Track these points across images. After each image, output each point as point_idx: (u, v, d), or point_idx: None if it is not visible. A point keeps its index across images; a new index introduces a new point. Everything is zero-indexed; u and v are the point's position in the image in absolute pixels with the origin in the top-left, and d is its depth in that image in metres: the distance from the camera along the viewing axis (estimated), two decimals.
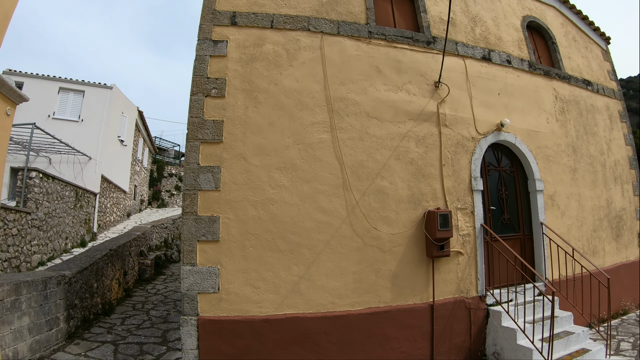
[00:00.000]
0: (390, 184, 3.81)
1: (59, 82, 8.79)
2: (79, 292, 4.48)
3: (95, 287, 5.02)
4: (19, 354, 3.26)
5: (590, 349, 3.80)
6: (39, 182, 5.98)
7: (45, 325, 3.66)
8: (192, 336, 3.25)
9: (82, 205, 8.20)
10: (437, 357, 3.69)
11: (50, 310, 3.78)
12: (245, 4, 4.03)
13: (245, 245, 3.44)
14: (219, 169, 3.54)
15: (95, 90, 9.31)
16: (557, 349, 3.60)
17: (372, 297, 3.58)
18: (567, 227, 4.97)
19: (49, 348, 3.70)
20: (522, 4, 5.73)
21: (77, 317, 4.38)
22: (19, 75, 8.32)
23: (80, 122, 9.08)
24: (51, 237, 6.37)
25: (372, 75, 4.07)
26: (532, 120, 4.98)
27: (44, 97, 8.42)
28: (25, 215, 5.32)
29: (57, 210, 6.75)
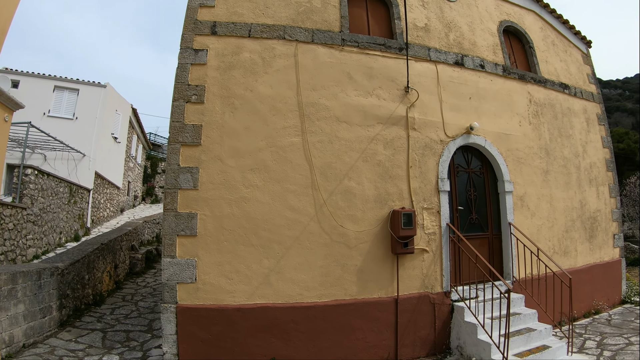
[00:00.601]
0: (358, 184, 4.19)
1: (54, 80, 9.24)
2: (71, 283, 4.93)
3: (86, 278, 5.47)
4: (14, 338, 3.70)
5: (551, 345, 4.02)
6: (34, 178, 6.43)
7: (39, 313, 4.10)
8: (171, 322, 3.67)
9: (76, 201, 8.67)
10: (401, 348, 4.08)
11: (44, 299, 4.22)
12: (225, 14, 4.40)
13: (221, 240, 3.84)
14: (197, 170, 3.94)
15: (90, 88, 9.75)
16: (517, 344, 3.88)
17: (338, 290, 3.97)
18: (537, 228, 5.32)
19: (43, 334, 4.15)
20: (500, 9, 6.04)
21: (69, 306, 4.83)
22: (15, 74, 8.78)
23: (74, 120, 9.52)
24: (46, 232, 6.83)
25: (343, 81, 4.43)
26: (504, 124, 5.31)
27: (39, 95, 8.87)
28: (21, 211, 5.77)
29: (51, 205, 7.21)
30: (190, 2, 4.40)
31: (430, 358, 4.15)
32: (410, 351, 4.11)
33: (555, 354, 3.95)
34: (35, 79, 8.99)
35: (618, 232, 6.51)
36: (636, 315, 5.60)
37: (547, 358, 3.85)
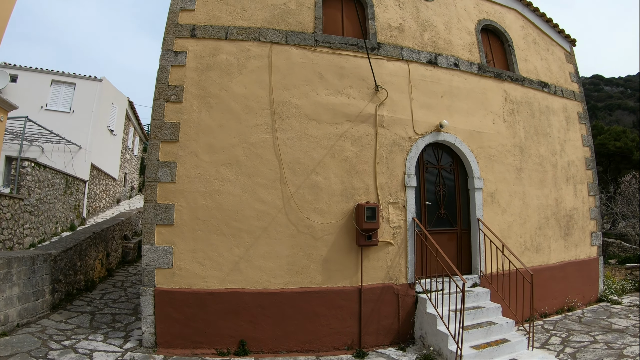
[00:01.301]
0: (324, 179, 4.59)
1: (51, 74, 9.79)
2: (63, 269, 5.47)
3: (78, 265, 6.02)
4: (9, 318, 4.22)
5: (511, 339, 4.26)
6: (31, 170, 6.98)
7: (33, 296, 4.63)
8: (149, 304, 4.14)
9: (72, 192, 9.25)
10: (365, 336, 4.47)
11: (37, 283, 4.75)
12: (204, 17, 4.80)
13: (195, 229, 4.29)
14: (174, 164, 4.38)
15: (86, 82, 10.28)
16: (476, 336, 4.18)
17: (304, 278, 4.40)
18: (508, 224, 5.64)
19: (35, 315, 4.68)
20: (480, 8, 6.29)
21: (61, 290, 5.37)
22: (13, 69, 9.35)
23: (71, 113, 10.08)
24: (42, 222, 7.41)
25: (314, 81, 4.80)
26: (476, 121, 5.62)
27: (37, 89, 9.44)
28: (18, 201, 6.33)
29: (48, 196, 7.79)
30: (172, 6, 4.81)
31: (393, 346, 4.51)
32: (374, 339, 4.50)
33: (515, 347, 4.20)
34: (33, 73, 9.55)
35: (596, 230, 6.79)
36: (609, 314, 5.85)
37: (505, 351, 4.11)
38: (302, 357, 4.14)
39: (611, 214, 13.36)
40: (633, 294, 7.19)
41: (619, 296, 6.87)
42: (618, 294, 6.92)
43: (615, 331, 5.04)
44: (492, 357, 4.00)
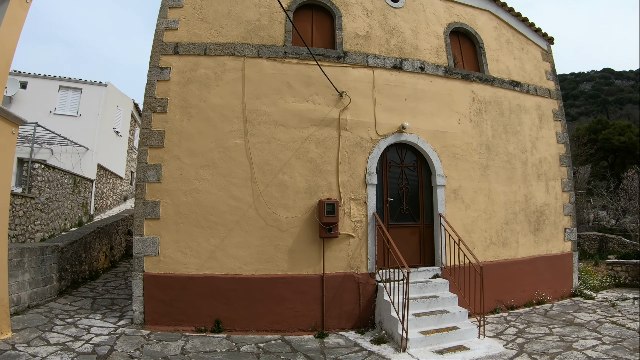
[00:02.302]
0: (290, 178, 5.41)
1: (59, 81, 11.05)
2: (69, 259, 6.54)
3: (83, 256, 7.11)
4: (21, 299, 5.25)
5: (461, 327, 4.81)
6: (41, 171, 8.15)
7: (42, 282, 5.68)
8: (139, 287, 5.09)
9: (80, 190, 10.48)
10: (327, 319, 5.25)
11: (46, 270, 5.81)
12: (186, 36, 5.69)
13: (178, 222, 5.21)
14: (160, 167, 5.31)
15: (92, 87, 11.50)
16: (427, 323, 4.82)
17: (271, 266, 5.24)
18: (472, 219, 6.28)
19: (44, 299, 5.73)
20: (450, 11, 6.91)
21: (67, 278, 6.45)
22: (23, 76, 10.66)
23: (78, 117, 11.33)
24: (52, 218, 8.60)
25: (283, 90, 5.61)
26: (441, 122, 6.27)
27: (45, 94, 10.71)
28: (29, 200, 7.48)
29: (57, 195, 8.98)
30: (158, 26, 5.73)
31: (354, 330, 5.25)
32: (336, 322, 5.28)
33: (464, 335, 4.76)
34: (42, 80, 10.83)
35: (570, 226, 7.29)
36: (577, 308, 6.34)
37: (453, 338, 4.67)
38: (269, 336, 4.98)
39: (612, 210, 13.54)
40: (611, 289, 7.65)
41: (596, 291, 7.35)
42: (595, 289, 7.40)
43: (575, 325, 5.47)
44: (439, 342, 4.61)
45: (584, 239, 12.31)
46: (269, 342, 4.71)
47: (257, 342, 4.70)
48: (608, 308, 6.38)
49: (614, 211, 13.76)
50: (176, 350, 4.26)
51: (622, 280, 7.97)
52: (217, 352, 4.31)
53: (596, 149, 17.80)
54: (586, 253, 11.29)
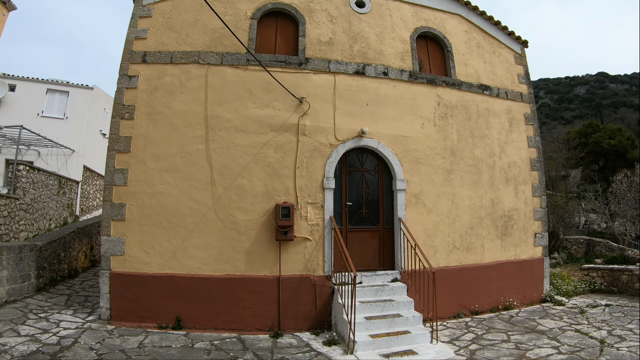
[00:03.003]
0: (249, 182, 5.95)
1: (46, 84, 11.87)
2: (48, 258, 7.23)
3: (62, 255, 7.80)
4: None
5: (413, 332, 5.13)
6: (25, 173, 8.90)
7: (20, 279, 6.36)
8: (106, 284, 5.71)
9: (65, 192, 11.25)
10: (284, 320, 5.76)
11: (24, 268, 6.49)
12: (154, 44, 6.29)
13: (142, 223, 5.80)
14: (127, 171, 5.91)
15: (79, 90, 12.29)
16: (378, 326, 5.18)
17: (230, 267, 5.79)
18: (434, 224, 6.71)
19: (22, 295, 6.40)
20: (419, 15, 7.35)
21: (45, 276, 7.14)
22: (11, 79, 11.50)
23: (65, 119, 12.13)
24: (36, 219, 9.35)
25: (244, 96, 6.16)
26: (403, 126, 6.72)
27: (33, 97, 11.53)
28: (14, 201, 8.22)
29: (42, 196, 9.74)
30: (128, 35, 6.34)
31: (310, 331, 5.73)
32: (293, 323, 5.78)
33: (415, 339, 5.09)
34: (30, 82, 11.66)
35: (541, 231, 7.64)
36: (544, 315, 6.63)
37: (403, 342, 5.01)
38: (226, 334, 5.53)
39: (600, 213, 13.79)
40: (585, 295, 7.95)
41: (569, 297, 7.68)
42: (568, 295, 7.73)
43: (536, 332, 5.73)
44: (388, 345, 4.93)
45: (572, 242, 12.61)
46: (224, 340, 5.25)
47: (212, 339, 5.25)
48: (576, 315, 6.69)
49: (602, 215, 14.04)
50: (134, 345, 4.84)
51: (598, 286, 8.25)
52: (172, 347, 4.88)
53: (586, 153, 18.23)
54: (573, 257, 11.60)
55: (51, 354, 4.19)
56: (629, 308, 6.94)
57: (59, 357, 4.13)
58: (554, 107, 61.43)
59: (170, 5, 6.43)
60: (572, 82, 68.20)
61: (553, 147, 20.48)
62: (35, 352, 4.20)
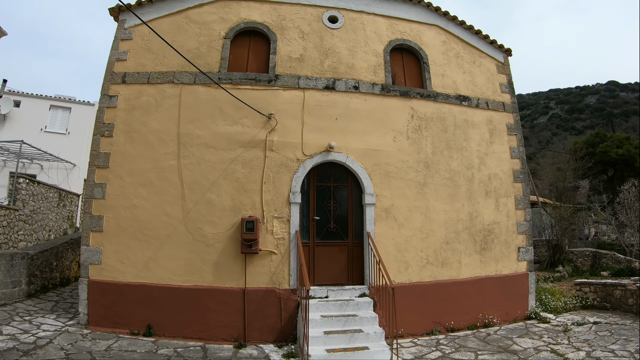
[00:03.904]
0: (217, 196, 6.64)
1: (50, 100, 13.25)
2: (39, 266, 8.22)
3: (54, 264, 8.79)
4: None
5: (372, 348, 5.41)
6: (25, 186, 10.07)
7: (10, 284, 7.32)
8: (84, 291, 6.53)
9: (65, 204, 12.45)
10: (250, 332, 6.34)
11: (15, 275, 7.46)
12: (133, 65, 7.18)
13: (118, 235, 6.61)
14: (105, 185, 6.76)
15: (80, 107, 13.61)
16: (337, 341, 5.54)
17: (198, 278, 6.46)
18: (406, 238, 7.11)
19: (12, 300, 7.35)
20: (394, 28, 7.88)
21: (37, 283, 8.11)
22: (16, 95, 12.94)
23: (67, 135, 13.45)
24: (36, 229, 10.49)
25: (215, 114, 6.89)
26: (374, 140, 7.22)
27: (37, 113, 12.91)
28: (13, 212, 9.35)
29: (41, 208, 10.90)
30: (110, 57, 7.27)
31: (275, 343, 6.27)
32: (259, 335, 6.35)
33: (374, 355, 5.37)
34: (34, 99, 13.07)
35: (525, 245, 7.84)
36: (524, 333, 6.80)
37: (360, 357, 5.32)
38: (192, 343, 6.17)
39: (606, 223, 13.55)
40: (575, 312, 8.01)
41: (558, 314, 7.80)
42: (557, 312, 7.85)
43: (508, 352, 5.93)
44: None
45: (577, 255, 12.62)
46: (188, 348, 5.90)
47: (177, 347, 5.91)
48: (558, 334, 6.83)
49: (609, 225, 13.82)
50: (102, 348, 5.58)
51: (590, 302, 8.26)
52: (137, 352, 5.58)
53: (594, 163, 18.10)
54: (579, 270, 11.55)
55: (24, 351, 4.98)
56: (617, 326, 6.98)
57: (31, 354, 4.91)
58: (565, 117, 63.83)
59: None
60: (583, 92, 72.01)
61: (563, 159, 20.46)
62: (12, 348, 5.01)
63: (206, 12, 7.38)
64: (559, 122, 62.32)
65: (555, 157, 23.55)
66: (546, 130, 62.21)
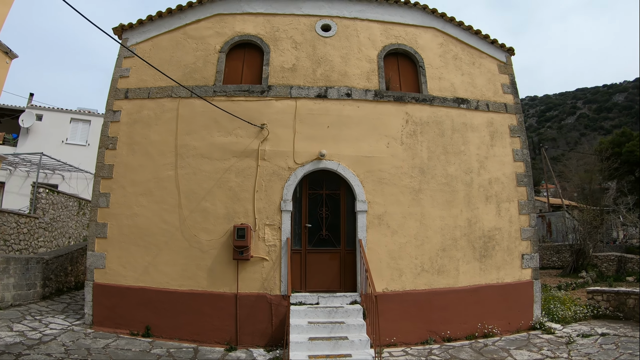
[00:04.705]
0: (212, 205, 7.27)
1: (70, 113, 14.64)
2: (54, 270, 9.23)
3: (69, 269, 9.80)
4: (5, 298, 7.81)
5: (355, 356, 5.71)
6: (45, 195, 11.27)
7: (25, 287, 8.31)
8: (90, 293, 7.35)
9: (85, 212, 13.68)
10: (241, 336, 6.89)
11: (30, 278, 8.45)
12: (135, 82, 8.03)
13: (121, 241, 7.40)
14: (109, 194, 7.60)
15: (99, 119, 14.91)
16: (321, 348, 5.92)
17: (193, 282, 7.11)
18: (400, 245, 7.41)
19: (27, 301, 8.34)
20: (388, 33, 8.27)
21: (52, 286, 9.12)
22: (39, 109, 14.44)
23: (87, 146, 14.79)
24: (55, 236, 11.68)
25: (210, 126, 7.57)
26: (366, 147, 7.61)
27: (59, 126, 14.32)
28: (34, 220, 10.52)
29: (61, 216, 12.12)
30: (114, 75, 8.16)
31: (265, 348, 6.77)
32: (250, 339, 6.89)
33: None
34: (55, 112, 14.51)
35: (530, 252, 7.89)
36: (524, 345, 6.84)
37: None
38: (187, 344, 6.81)
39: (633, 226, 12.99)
40: (586, 321, 7.92)
41: (565, 324, 7.76)
42: (565, 322, 7.82)
43: None
44: None
45: (602, 259, 12.42)
46: (180, 349, 6.54)
47: (171, 347, 6.56)
48: (560, 346, 6.83)
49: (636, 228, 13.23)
50: (100, 346, 6.32)
51: (602, 311, 8.11)
52: (131, 350, 6.27)
53: (620, 163, 17.45)
54: (604, 275, 11.31)
55: (29, 345, 5.80)
56: (626, 339, 6.88)
57: (34, 348, 5.71)
58: (593, 117, 65.23)
59: (150, 45, 8.15)
60: (610, 90, 73.41)
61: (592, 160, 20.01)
62: (18, 343, 5.84)
63: (203, 27, 8.11)
64: (587, 122, 64.36)
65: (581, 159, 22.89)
66: (574, 131, 63.59)
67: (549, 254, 14.92)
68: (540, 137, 63.63)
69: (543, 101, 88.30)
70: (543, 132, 69.86)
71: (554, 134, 65.71)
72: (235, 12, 8.17)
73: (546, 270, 15.16)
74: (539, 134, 68.57)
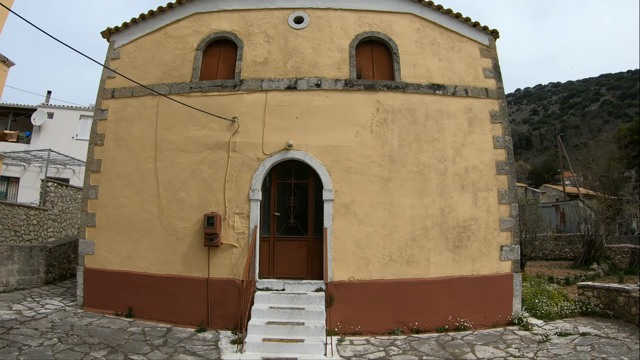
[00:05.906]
0: (187, 195, 8.57)
1: (79, 110, 16.78)
2: (57, 258, 11.05)
3: (72, 257, 11.64)
4: (9, 283, 9.64)
5: (307, 341, 6.59)
6: (54, 189, 13.26)
7: (29, 272, 10.13)
8: (81, 277, 8.96)
9: None
10: (213, 318, 8.15)
11: (34, 264, 10.27)
12: (120, 81, 9.51)
13: (108, 229, 8.92)
14: (98, 187, 9.16)
15: None
16: (277, 332, 6.90)
17: (170, 267, 8.47)
18: (367, 235, 8.30)
19: (31, 286, 10.16)
20: (362, 21, 9.12)
21: (55, 272, 10.94)
22: (50, 107, 16.66)
23: None
24: (64, 227, 13.69)
25: (186, 121, 8.87)
26: (335, 136, 8.55)
27: (69, 123, 16.47)
28: (43, 212, 12.49)
29: (70, 208, 14.13)
30: (102, 76, 9.72)
31: (233, 330, 7.91)
32: (221, 322, 8.12)
33: (307, 349, 6.57)
34: (65, 110, 16.69)
35: (510, 243, 8.43)
36: (492, 341, 7.29)
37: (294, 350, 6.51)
38: (162, 324, 8.17)
39: None
40: (572, 318, 8.31)
41: (549, 320, 8.24)
42: (549, 318, 8.29)
43: None
44: (277, 351, 6.57)
45: (615, 251, 12.58)
46: (155, 328, 7.91)
47: (146, 327, 7.96)
48: (531, 344, 7.14)
49: None
50: (84, 323, 7.84)
51: (592, 308, 8.41)
52: (110, 328, 7.73)
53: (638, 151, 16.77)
54: (617, 267, 11.39)
55: (21, 321, 7.41)
56: (606, 340, 7.07)
57: (25, 323, 7.31)
58: (617, 104, 66.76)
59: (134, 46, 9.60)
60: (635, 76, 75.12)
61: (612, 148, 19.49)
62: (13, 319, 7.48)
63: (182, 27, 9.43)
64: (611, 109, 66.13)
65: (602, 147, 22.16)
66: (598, 118, 65.82)
67: (561, 245, 15.21)
68: (563, 124, 67.48)
69: (566, 87, 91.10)
70: (566, 120, 73.12)
71: (577, 121, 68.75)
72: (212, 10, 9.41)
73: (557, 262, 15.52)
74: (562, 121, 72.27)
